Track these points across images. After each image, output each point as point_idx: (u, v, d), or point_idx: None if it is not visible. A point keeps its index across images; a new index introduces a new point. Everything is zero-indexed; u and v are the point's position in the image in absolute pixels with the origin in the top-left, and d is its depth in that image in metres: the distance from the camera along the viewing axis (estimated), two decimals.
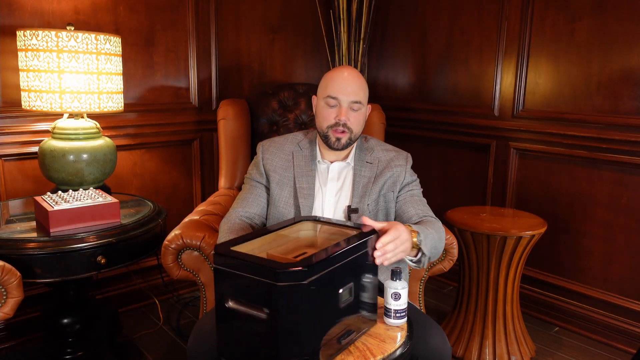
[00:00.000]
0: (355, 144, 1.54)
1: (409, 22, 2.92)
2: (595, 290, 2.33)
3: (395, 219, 1.53)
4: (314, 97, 1.52)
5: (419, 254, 1.28)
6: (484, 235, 2.00)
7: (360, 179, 1.50)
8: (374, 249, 1.11)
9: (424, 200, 1.55)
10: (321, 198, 1.50)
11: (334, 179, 1.51)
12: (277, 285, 0.89)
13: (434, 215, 1.49)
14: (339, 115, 1.42)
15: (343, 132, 1.43)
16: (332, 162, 1.52)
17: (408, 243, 1.18)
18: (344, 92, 1.42)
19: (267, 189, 1.54)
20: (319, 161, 1.53)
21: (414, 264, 1.32)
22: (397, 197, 1.52)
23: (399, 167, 1.53)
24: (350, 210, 1.46)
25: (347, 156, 1.53)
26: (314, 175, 1.51)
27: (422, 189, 1.58)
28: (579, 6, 2.23)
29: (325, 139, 1.47)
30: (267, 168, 1.53)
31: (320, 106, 1.47)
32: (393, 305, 1.15)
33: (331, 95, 1.43)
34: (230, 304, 0.97)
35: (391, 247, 1.13)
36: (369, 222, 1.17)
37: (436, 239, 1.35)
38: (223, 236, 1.42)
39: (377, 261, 1.11)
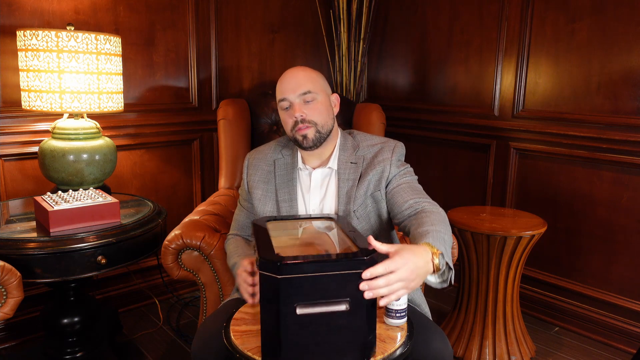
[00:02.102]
0: (336, 145, 1.47)
1: (409, 22, 2.92)
2: (595, 290, 2.33)
3: (388, 216, 1.43)
4: (278, 110, 1.46)
5: (444, 272, 1.12)
6: (484, 235, 2.00)
7: (345, 184, 1.42)
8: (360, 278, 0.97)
9: (418, 187, 1.40)
10: (304, 207, 1.44)
11: (316, 187, 1.44)
12: (361, 272, 0.97)
13: (431, 201, 1.33)
14: (292, 113, 1.37)
15: (306, 127, 1.37)
16: (314, 169, 1.45)
17: (413, 280, 1.01)
18: (289, 90, 1.37)
19: (252, 204, 1.51)
20: (299, 168, 1.46)
21: (438, 284, 1.14)
22: (386, 193, 1.40)
23: (382, 162, 1.41)
24: None
25: (328, 159, 1.45)
26: (295, 184, 1.45)
27: (416, 177, 1.44)
28: (579, 6, 2.23)
29: (296, 143, 1.41)
30: (250, 185, 1.50)
31: (280, 114, 1.43)
32: (393, 305, 1.15)
33: (280, 98, 1.40)
34: (303, 310, 0.96)
35: (382, 282, 0.97)
36: (374, 244, 1.02)
37: (447, 238, 1.18)
38: (233, 253, 1.44)
39: (366, 295, 0.96)
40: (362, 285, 0.96)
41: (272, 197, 1.46)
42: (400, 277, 0.99)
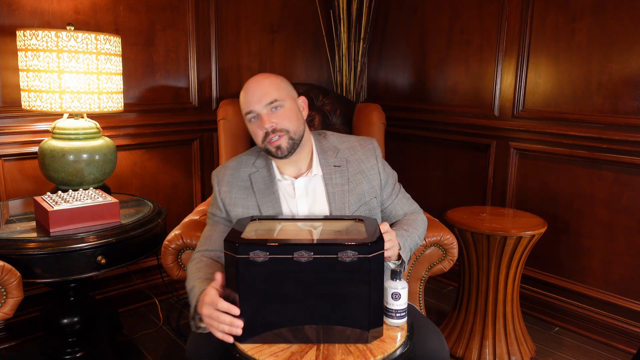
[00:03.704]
0: (313, 148, 1.43)
1: (409, 22, 2.92)
2: (595, 290, 2.33)
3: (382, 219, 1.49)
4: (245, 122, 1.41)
5: (400, 260, 1.34)
6: (484, 235, 2.00)
7: (334, 189, 1.39)
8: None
9: (404, 192, 1.52)
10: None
11: (302, 196, 1.39)
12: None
13: (416, 208, 1.51)
14: (261, 125, 1.31)
15: (279, 137, 1.31)
16: (296, 178, 1.39)
17: (396, 246, 1.28)
18: (254, 101, 1.32)
19: (230, 222, 1.40)
20: (278, 179, 1.40)
21: (392, 265, 1.35)
22: (382, 201, 1.46)
23: (371, 169, 1.43)
24: None
25: (309, 166, 1.40)
26: (277, 196, 1.38)
27: (395, 174, 1.52)
28: (579, 6, 2.23)
29: (269, 153, 1.36)
30: (226, 203, 1.39)
31: (248, 126, 1.37)
32: (393, 305, 1.15)
33: (246, 111, 1.34)
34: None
35: (389, 237, 1.23)
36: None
37: (415, 237, 1.41)
38: (192, 276, 1.27)
39: (387, 245, 1.20)
40: (385, 237, 1.19)
41: (254, 214, 1.38)
42: (395, 236, 1.27)
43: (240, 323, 1.07)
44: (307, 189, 1.40)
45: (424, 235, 1.49)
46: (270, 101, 1.32)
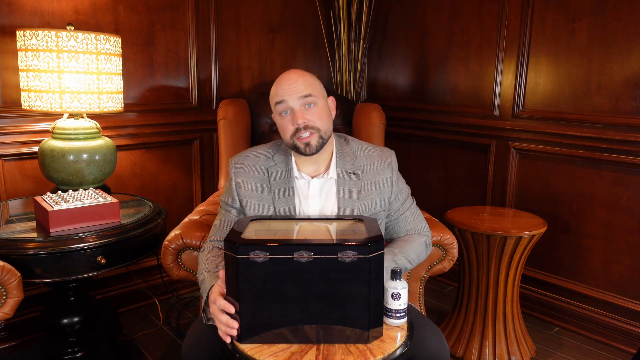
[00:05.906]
0: (333, 151, 1.42)
1: (409, 22, 2.92)
2: (595, 290, 2.33)
3: (385, 233, 1.49)
4: (273, 115, 1.41)
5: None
6: (484, 235, 2.00)
7: (345, 195, 1.38)
8: None
9: (415, 210, 1.49)
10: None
11: (315, 196, 1.39)
12: None
13: (422, 229, 1.47)
14: (294, 119, 1.30)
15: (310, 134, 1.30)
16: (312, 177, 1.39)
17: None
18: (289, 92, 1.30)
19: (242, 213, 1.41)
20: (296, 177, 1.40)
21: None
22: (388, 214, 1.45)
23: (385, 181, 1.43)
24: None
25: (327, 168, 1.41)
26: (292, 193, 1.38)
27: (409, 189, 1.50)
28: (579, 6, 2.23)
29: (296, 149, 1.34)
30: (241, 193, 1.39)
31: (277, 120, 1.36)
32: (393, 305, 1.15)
33: (278, 100, 1.32)
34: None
35: None
36: None
37: (404, 262, 1.36)
38: (203, 267, 1.30)
39: None
40: None
41: (269, 208, 1.39)
42: None
43: (235, 324, 1.08)
44: (321, 190, 1.40)
45: (421, 258, 1.44)
46: (305, 95, 1.30)
